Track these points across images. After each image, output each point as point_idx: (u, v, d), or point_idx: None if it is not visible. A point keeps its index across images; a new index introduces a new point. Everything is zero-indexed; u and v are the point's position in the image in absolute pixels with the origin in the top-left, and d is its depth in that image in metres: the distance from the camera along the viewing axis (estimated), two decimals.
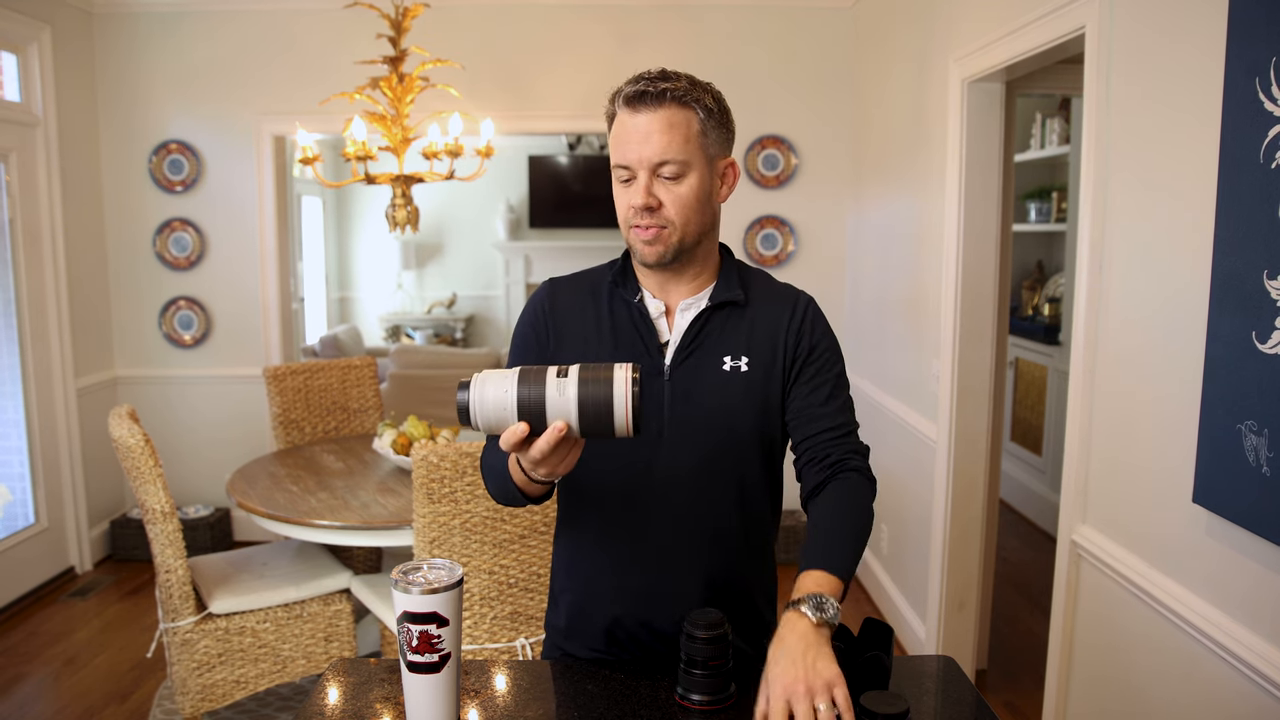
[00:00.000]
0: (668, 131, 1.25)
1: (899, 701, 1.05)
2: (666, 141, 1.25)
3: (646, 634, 1.37)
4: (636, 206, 1.27)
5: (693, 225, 1.29)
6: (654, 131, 1.25)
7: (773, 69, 4.34)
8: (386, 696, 1.26)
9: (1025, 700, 3.03)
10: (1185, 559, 1.76)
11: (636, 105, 1.26)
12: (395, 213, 3.20)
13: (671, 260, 1.31)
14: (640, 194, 1.26)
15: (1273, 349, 1.44)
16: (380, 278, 8.51)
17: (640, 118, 1.26)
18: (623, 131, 1.28)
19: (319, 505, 2.75)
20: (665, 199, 1.27)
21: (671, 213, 1.27)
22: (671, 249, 1.29)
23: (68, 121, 4.11)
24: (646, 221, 1.28)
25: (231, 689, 2.68)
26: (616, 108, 1.29)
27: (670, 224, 1.28)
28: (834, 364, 1.37)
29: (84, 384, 4.23)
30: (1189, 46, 1.74)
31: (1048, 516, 4.65)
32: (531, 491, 1.28)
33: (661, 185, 1.27)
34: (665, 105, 1.25)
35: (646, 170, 1.26)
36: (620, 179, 1.30)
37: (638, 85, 1.27)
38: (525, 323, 1.42)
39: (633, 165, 1.27)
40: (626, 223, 1.31)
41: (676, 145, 1.25)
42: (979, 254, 2.97)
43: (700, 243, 1.33)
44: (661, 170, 1.26)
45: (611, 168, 1.31)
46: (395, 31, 3.20)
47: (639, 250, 1.31)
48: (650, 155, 1.25)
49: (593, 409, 1.06)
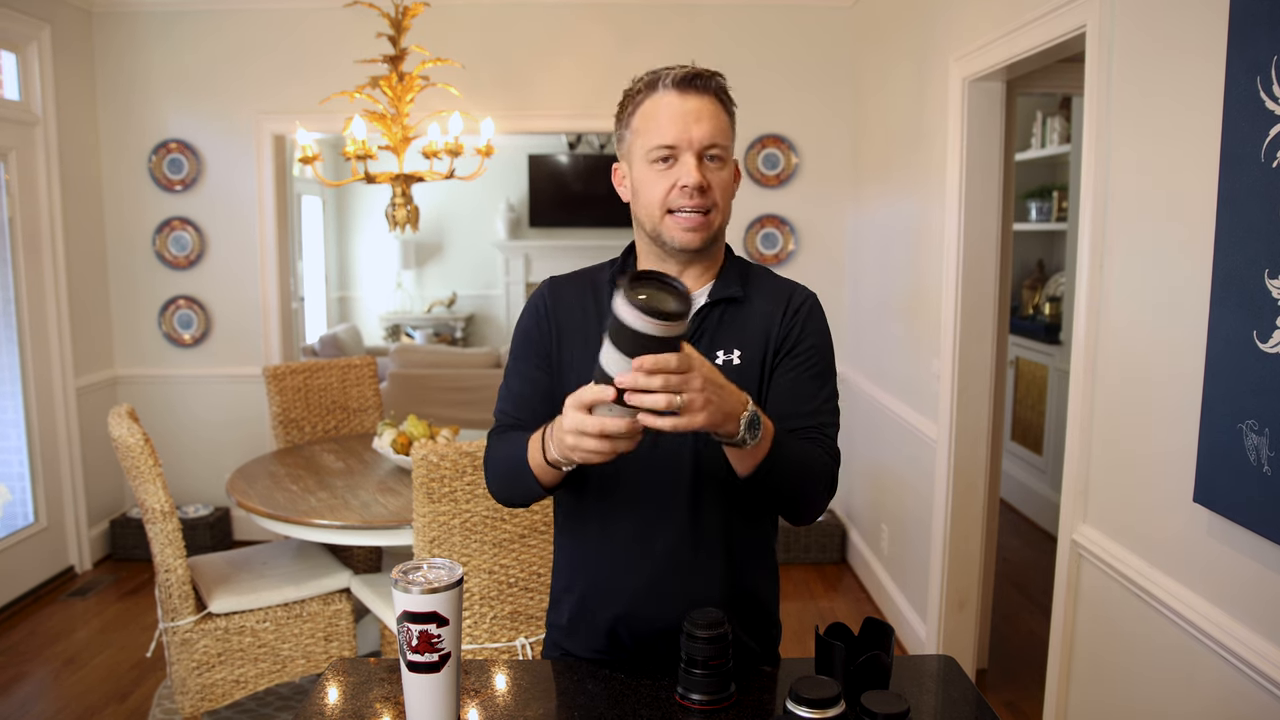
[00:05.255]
0: (715, 118, 1.29)
1: (899, 701, 1.04)
2: (714, 126, 1.28)
3: (649, 633, 1.36)
4: (690, 185, 1.26)
5: (727, 211, 1.33)
6: (705, 116, 1.28)
7: (773, 68, 4.34)
8: (386, 696, 1.26)
9: (1026, 700, 3.02)
10: (1186, 558, 1.76)
11: (686, 89, 1.28)
12: (395, 212, 3.20)
13: (707, 246, 1.32)
14: (694, 173, 1.26)
15: (1273, 348, 1.44)
16: (380, 277, 8.50)
17: (690, 101, 1.28)
18: (669, 112, 1.27)
19: (319, 505, 2.75)
20: (713, 181, 1.29)
21: (717, 195, 1.30)
22: (712, 234, 1.31)
23: (67, 121, 4.11)
24: (697, 202, 1.27)
25: (231, 689, 2.68)
26: (660, 89, 1.29)
27: (715, 206, 1.30)
28: (815, 361, 1.34)
29: (83, 383, 4.23)
30: (1189, 46, 1.74)
31: (1048, 516, 4.64)
32: (545, 479, 1.26)
33: (706, 168, 1.28)
34: (711, 95, 1.30)
35: (694, 152, 1.27)
36: (658, 157, 1.28)
37: (684, 70, 1.29)
38: (526, 321, 1.42)
39: (681, 146, 1.27)
40: (664, 206, 1.29)
41: (721, 131, 1.29)
42: (979, 253, 2.96)
43: (721, 234, 1.36)
44: (708, 153, 1.28)
45: (643, 153, 1.29)
46: (395, 30, 3.20)
47: (676, 237, 1.29)
48: (702, 137, 1.27)
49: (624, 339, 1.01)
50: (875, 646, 1.21)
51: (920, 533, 3.35)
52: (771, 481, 1.21)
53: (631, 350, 1.01)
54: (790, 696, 1.04)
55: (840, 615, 3.74)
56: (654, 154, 1.28)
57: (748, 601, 1.39)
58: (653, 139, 1.28)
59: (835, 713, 1.03)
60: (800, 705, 1.03)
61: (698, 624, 1.19)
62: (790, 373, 1.34)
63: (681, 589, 1.34)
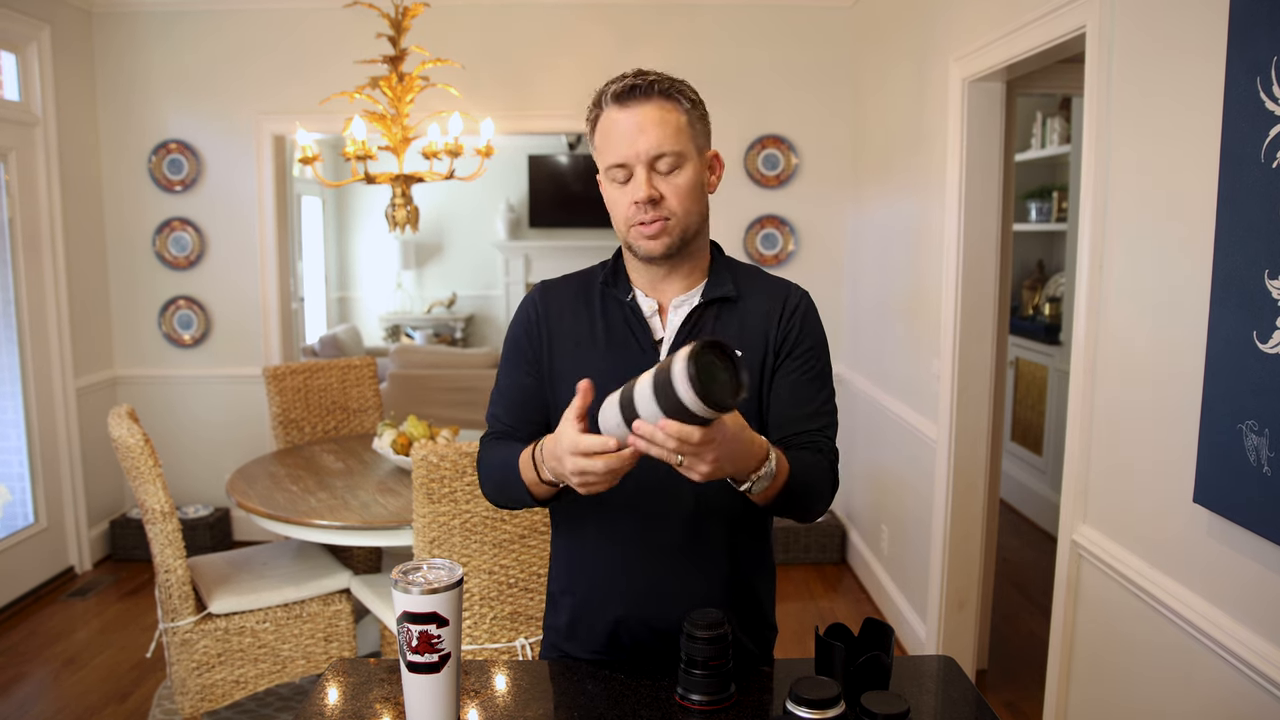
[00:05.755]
0: (660, 125, 1.26)
1: (899, 702, 1.04)
2: (660, 134, 1.26)
3: (649, 634, 1.36)
4: (640, 200, 1.27)
5: (693, 215, 1.31)
6: (647, 125, 1.26)
7: (773, 68, 4.34)
8: (386, 696, 1.26)
9: (1026, 700, 3.02)
10: (1186, 559, 1.76)
11: (625, 101, 1.27)
12: (395, 212, 3.20)
13: (675, 252, 1.31)
14: (642, 187, 1.26)
15: (1273, 349, 1.44)
16: (380, 277, 8.50)
17: (631, 112, 1.27)
18: (614, 129, 1.28)
19: (319, 505, 2.75)
20: (666, 190, 1.28)
21: (674, 203, 1.28)
22: (676, 240, 1.30)
23: (67, 121, 4.11)
24: (651, 215, 1.27)
25: (231, 689, 2.68)
26: (603, 108, 1.29)
27: (673, 214, 1.28)
28: (814, 362, 1.36)
29: (83, 384, 4.23)
30: (1189, 46, 1.74)
31: (1048, 516, 4.64)
32: (538, 493, 1.28)
33: (659, 178, 1.27)
34: (653, 99, 1.27)
35: (644, 165, 1.26)
36: (616, 179, 1.30)
37: (623, 82, 1.27)
38: (516, 327, 1.43)
39: (629, 161, 1.27)
40: (627, 221, 1.30)
41: (670, 137, 1.26)
42: (979, 253, 2.96)
43: (698, 234, 1.34)
44: (658, 164, 1.27)
45: (603, 171, 1.31)
46: (395, 31, 3.20)
47: (643, 246, 1.31)
48: (646, 148, 1.26)
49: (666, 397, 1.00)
50: (875, 647, 1.21)
51: (920, 533, 3.35)
52: (783, 505, 1.25)
53: (667, 409, 1.00)
54: (790, 697, 1.04)
55: (840, 615, 3.74)
56: (610, 173, 1.30)
57: (745, 602, 1.40)
58: (607, 158, 1.29)
59: (835, 713, 1.03)
60: (800, 705, 1.03)
61: (698, 624, 1.19)
62: (791, 375, 1.35)
63: (680, 590, 1.34)
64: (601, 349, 1.35)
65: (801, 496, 1.26)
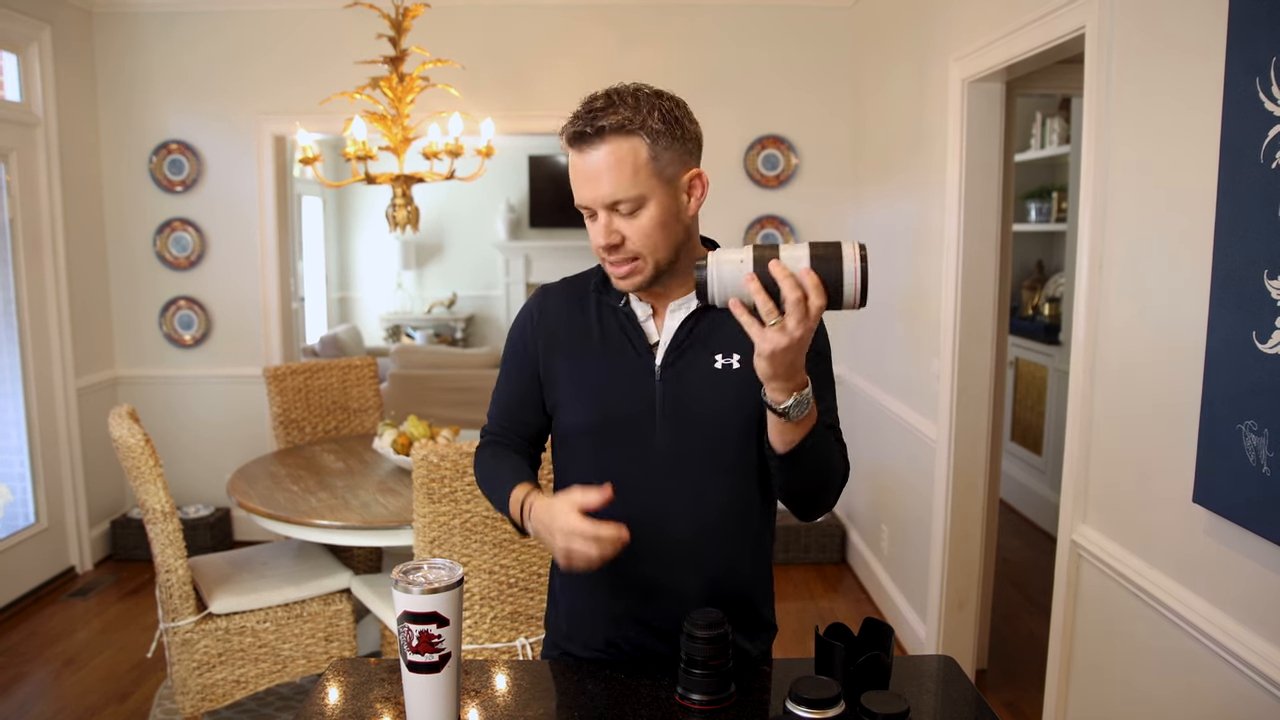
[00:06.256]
0: (615, 169, 1.22)
1: (899, 701, 1.05)
2: (615, 179, 1.22)
3: (647, 633, 1.37)
4: (599, 246, 1.28)
5: (662, 250, 1.27)
6: (601, 171, 1.22)
7: (772, 68, 4.34)
8: (386, 696, 1.26)
9: (1025, 700, 3.03)
10: (1185, 559, 1.76)
11: (579, 146, 1.24)
12: (395, 212, 3.20)
13: (649, 285, 1.31)
14: (602, 233, 1.26)
15: (1273, 349, 1.44)
16: (380, 277, 8.51)
17: (585, 159, 1.24)
18: (574, 173, 1.27)
19: (319, 505, 2.75)
20: (628, 232, 1.25)
21: (637, 244, 1.26)
22: (646, 278, 1.29)
23: (68, 121, 4.11)
24: (615, 258, 1.28)
25: (231, 689, 2.68)
26: (566, 145, 1.27)
27: (639, 255, 1.27)
28: (819, 366, 1.35)
29: (84, 384, 4.23)
30: (1189, 46, 1.74)
31: (1048, 516, 4.65)
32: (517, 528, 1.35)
33: (621, 220, 1.25)
34: (606, 140, 1.22)
35: (603, 209, 1.25)
36: (585, 214, 1.30)
37: (576, 125, 1.24)
38: (516, 331, 1.45)
39: (591, 205, 1.26)
40: (601, 258, 1.31)
41: (625, 181, 1.22)
42: (979, 254, 2.96)
43: (677, 259, 1.31)
44: (618, 208, 1.25)
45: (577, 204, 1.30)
46: (395, 31, 3.20)
47: (618, 284, 1.31)
48: (602, 196, 1.24)
49: (825, 276, 1.07)
50: (875, 647, 1.21)
51: (920, 533, 3.35)
52: (804, 462, 1.21)
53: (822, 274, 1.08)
54: (790, 696, 1.04)
55: (840, 615, 3.74)
56: (580, 209, 1.29)
57: (745, 603, 1.40)
58: (575, 195, 1.28)
59: (835, 713, 1.03)
60: (800, 705, 1.03)
61: (697, 624, 1.19)
62: None
63: (680, 588, 1.34)
64: (597, 354, 1.36)
65: (819, 464, 1.25)
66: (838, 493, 1.34)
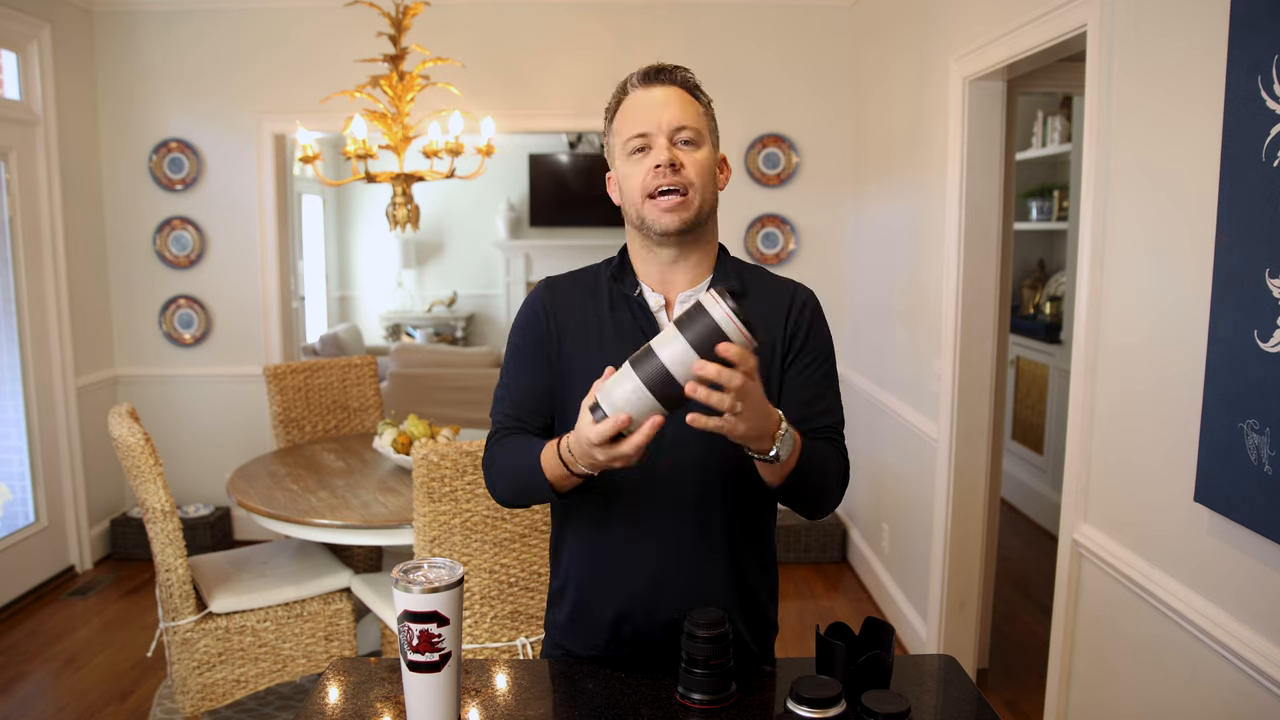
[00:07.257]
0: (683, 104, 1.33)
1: (900, 701, 1.04)
2: (683, 110, 1.32)
3: (650, 630, 1.36)
4: (661, 164, 1.29)
5: (708, 193, 1.33)
6: (672, 101, 1.32)
7: (773, 67, 4.34)
8: (387, 696, 1.26)
9: (1026, 699, 3.02)
10: (1186, 558, 1.76)
11: (651, 82, 1.34)
12: (396, 211, 3.20)
13: (689, 229, 1.32)
14: (664, 151, 1.29)
15: (1274, 348, 1.44)
16: (380, 276, 8.50)
17: (656, 91, 1.33)
18: (638, 106, 1.33)
19: (319, 504, 2.75)
20: (685, 161, 1.31)
21: (692, 174, 1.31)
22: (692, 215, 1.31)
23: (68, 120, 4.11)
24: (670, 180, 1.29)
25: (232, 688, 2.68)
26: (628, 89, 1.35)
27: (691, 185, 1.30)
28: (823, 361, 1.37)
29: (84, 383, 4.23)
30: (1190, 45, 1.73)
31: (1049, 515, 4.64)
32: (563, 487, 1.27)
33: (679, 151, 1.31)
34: (678, 85, 1.35)
35: (665, 135, 1.30)
36: (634, 149, 1.32)
37: (651, 66, 1.35)
38: (524, 322, 1.42)
39: (651, 131, 1.30)
40: (644, 191, 1.31)
41: (691, 115, 1.33)
42: (980, 252, 2.96)
43: (708, 219, 1.36)
44: (679, 135, 1.31)
45: (621, 145, 1.33)
46: (396, 30, 3.20)
47: (659, 221, 1.30)
48: (670, 120, 1.31)
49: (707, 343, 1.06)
50: (876, 646, 1.21)
51: (921, 532, 3.35)
52: (798, 489, 1.25)
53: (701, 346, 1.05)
54: (791, 696, 1.04)
55: (841, 615, 3.74)
56: (630, 145, 1.32)
57: (747, 601, 1.40)
58: (626, 131, 1.33)
59: (836, 712, 1.03)
60: (801, 705, 1.03)
61: (698, 623, 1.19)
62: (801, 375, 1.36)
63: (682, 586, 1.34)
64: (610, 344, 1.34)
65: (815, 480, 1.26)
66: (841, 492, 1.35)
